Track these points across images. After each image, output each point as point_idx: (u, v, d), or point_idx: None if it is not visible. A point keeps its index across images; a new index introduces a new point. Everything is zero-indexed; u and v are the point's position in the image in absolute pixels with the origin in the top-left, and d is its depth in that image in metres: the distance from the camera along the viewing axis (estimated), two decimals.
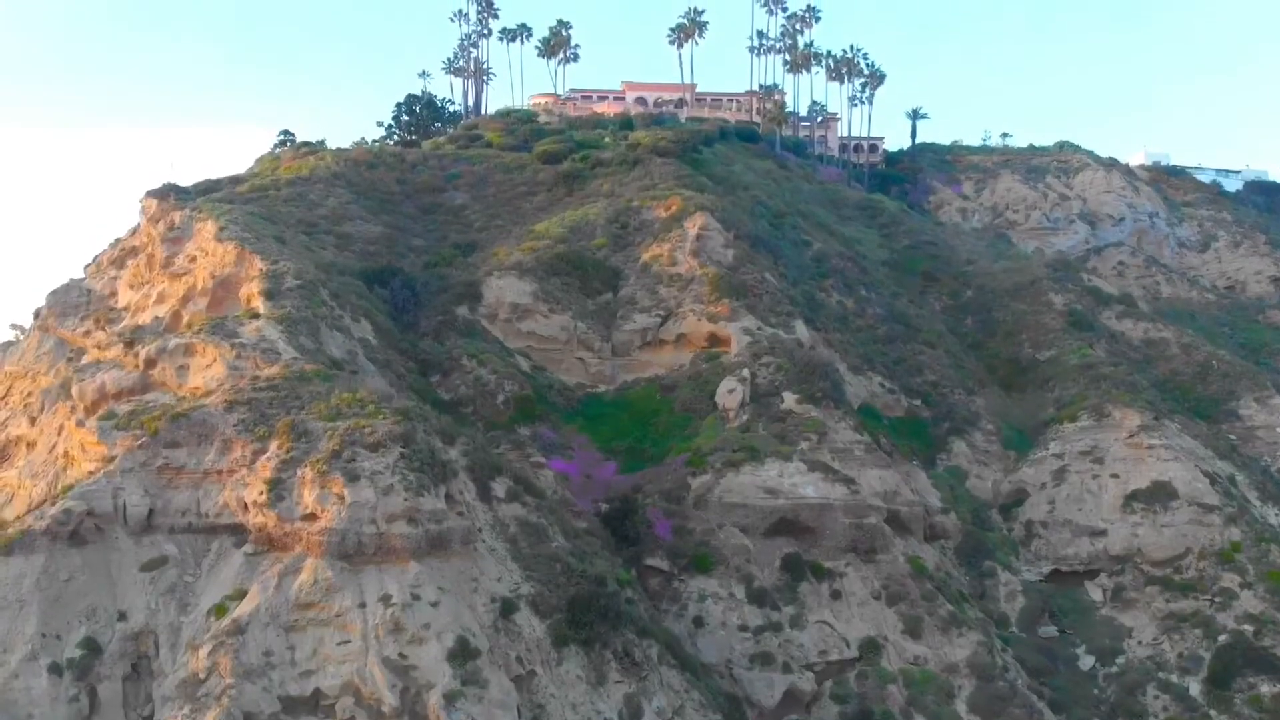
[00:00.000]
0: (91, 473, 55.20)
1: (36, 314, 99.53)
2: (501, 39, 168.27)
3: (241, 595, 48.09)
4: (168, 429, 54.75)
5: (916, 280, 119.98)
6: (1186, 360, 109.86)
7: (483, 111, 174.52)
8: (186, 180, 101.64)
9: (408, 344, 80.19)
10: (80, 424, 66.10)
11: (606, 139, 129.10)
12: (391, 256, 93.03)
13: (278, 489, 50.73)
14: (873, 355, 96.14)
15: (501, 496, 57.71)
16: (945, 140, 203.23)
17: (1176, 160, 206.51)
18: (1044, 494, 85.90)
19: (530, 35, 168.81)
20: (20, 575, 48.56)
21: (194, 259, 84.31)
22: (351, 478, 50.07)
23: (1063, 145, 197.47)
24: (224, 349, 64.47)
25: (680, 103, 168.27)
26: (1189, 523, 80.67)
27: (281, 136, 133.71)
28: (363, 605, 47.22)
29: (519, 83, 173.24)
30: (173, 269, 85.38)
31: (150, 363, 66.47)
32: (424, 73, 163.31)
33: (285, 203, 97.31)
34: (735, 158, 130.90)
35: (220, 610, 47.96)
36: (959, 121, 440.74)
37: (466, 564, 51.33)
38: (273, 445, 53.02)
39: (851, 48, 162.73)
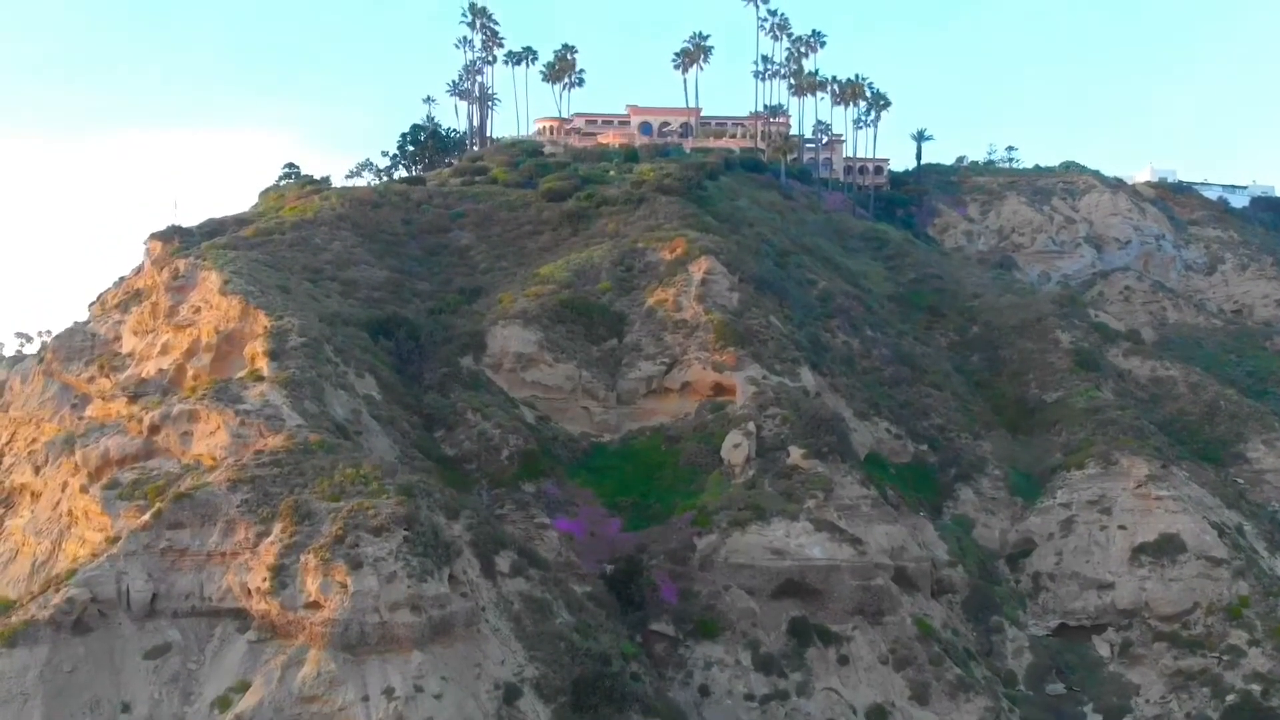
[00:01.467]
0: (95, 554, 54.93)
1: (40, 357, 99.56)
2: (507, 62, 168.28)
3: (245, 687, 47.91)
4: (171, 510, 54.50)
5: (922, 315, 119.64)
6: (1194, 400, 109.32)
7: (488, 134, 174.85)
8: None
9: (412, 398, 79.98)
10: (84, 490, 66.10)
11: (611, 172, 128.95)
12: (397, 303, 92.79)
13: (281, 575, 50.52)
14: (879, 399, 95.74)
15: (505, 571, 57.46)
16: (951, 156, 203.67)
17: (1183, 175, 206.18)
18: (1051, 545, 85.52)
19: (535, 59, 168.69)
20: (24, 668, 48.34)
21: (198, 310, 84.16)
22: (354, 565, 49.85)
23: (1069, 166, 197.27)
24: (228, 415, 64.33)
25: (685, 128, 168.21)
26: (1197, 576, 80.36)
27: (286, 169, 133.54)
28: (366, 699, 47.01)
29: (524, 106, 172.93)
30: (177, 319, 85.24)
31: (154, 429, 66.36)
32: (429, 98, 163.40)
33: (290, 247, 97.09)
34: (740, 190, 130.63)
35: (224, 703, 47.78)
36: (964, 140, 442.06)
37: (470, 648, 51.12)
38: (276, 528, 52.83)
39: (856, 76, 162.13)
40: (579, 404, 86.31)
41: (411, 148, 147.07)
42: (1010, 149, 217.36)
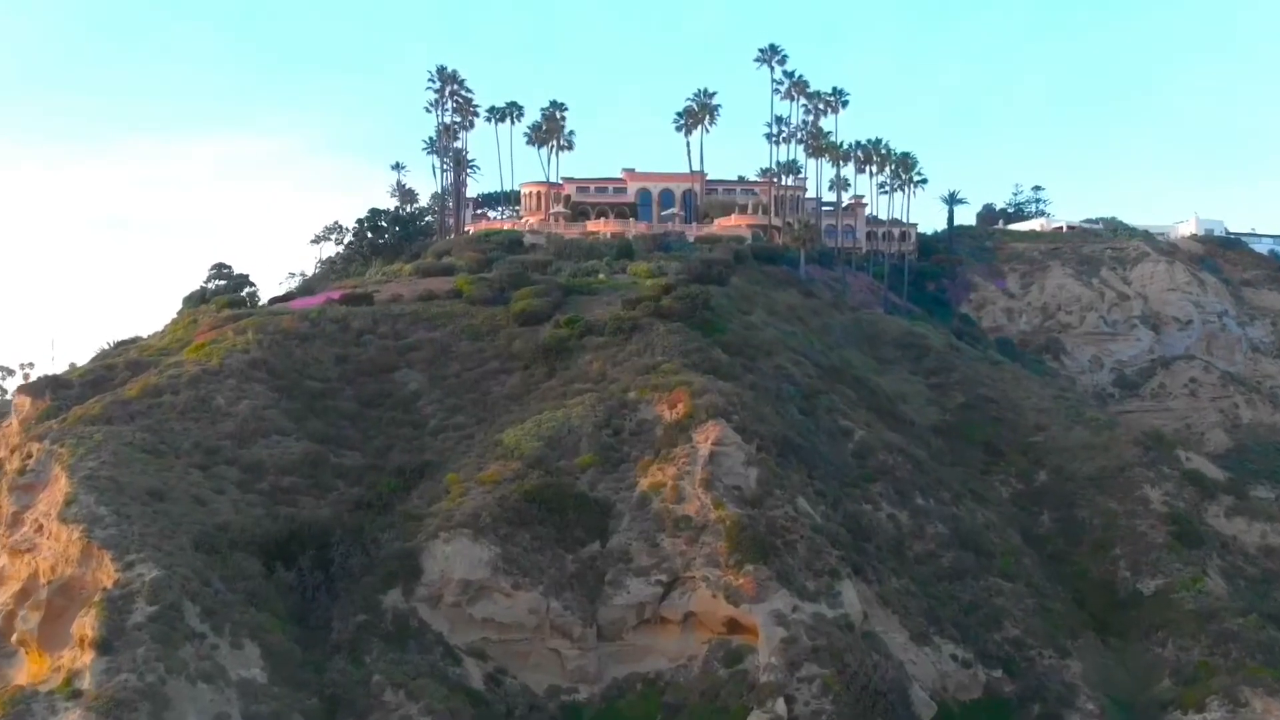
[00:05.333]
0: None
1: None
2: (489, 119, 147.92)
3: None
4: None
5: (977, 453, 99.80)
6: None
7: (464, 195, 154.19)
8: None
9: (313, 668, 58.49)
10: None
11: (601, 274, 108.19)
12: (313, 493, 71.83)
13: None
14: (938, 606, 74.55)
15: None
16: (977, 204, 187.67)
17: (1230, 225, 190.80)
18: None
19: (521, 115, 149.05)
20: None
21: (41, 528, 63.28)
22: None
23: (1116, 230, 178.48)
24: None
25: (688, 195, 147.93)
26: None
27: (214, 270, 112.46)
28: None
29: (508, 166, 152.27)
30: (16, 538, 64.60)
31: None
32: (398, 164, 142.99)
33: (181, 415, 75.72)
34: (754, 295, 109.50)
35: None
36: (991, 190, 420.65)
37: None
38: None
39: (877, 140, 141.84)
40: (546, 646, 65.08)
41: (370, 234, 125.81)
42: (1037, 188, 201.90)
